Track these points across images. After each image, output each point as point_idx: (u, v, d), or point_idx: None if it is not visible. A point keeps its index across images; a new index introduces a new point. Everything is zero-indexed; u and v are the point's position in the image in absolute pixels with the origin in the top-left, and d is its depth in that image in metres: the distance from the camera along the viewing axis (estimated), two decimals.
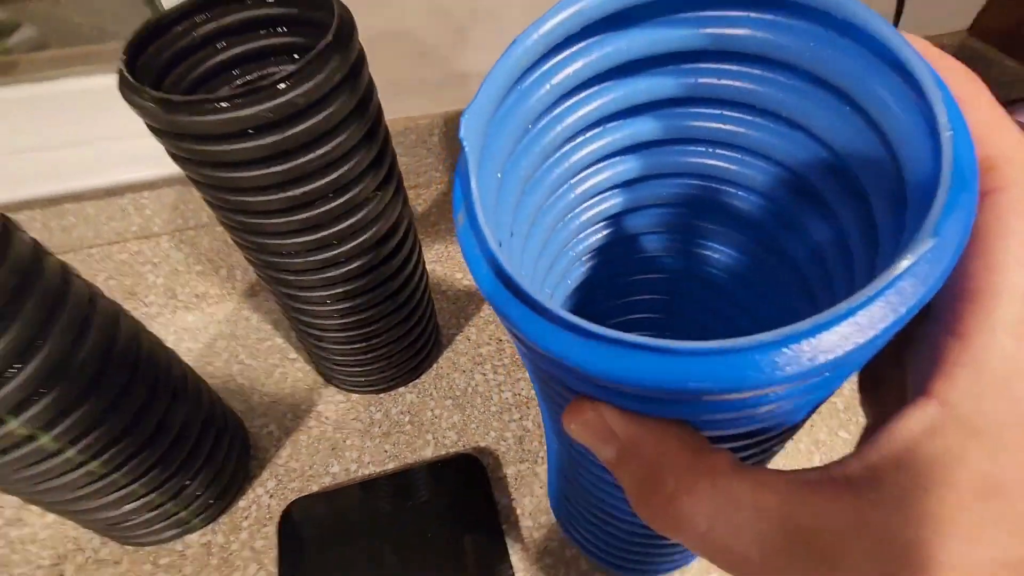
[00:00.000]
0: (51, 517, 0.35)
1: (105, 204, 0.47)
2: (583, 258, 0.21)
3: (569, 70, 0.15)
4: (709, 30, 0.14)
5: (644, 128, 0.18)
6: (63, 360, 0.24)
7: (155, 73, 0.25)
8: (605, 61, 0.15)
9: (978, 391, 0.10)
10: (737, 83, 0.15)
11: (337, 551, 0.33)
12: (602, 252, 0.21)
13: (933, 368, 0.10)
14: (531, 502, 0.35)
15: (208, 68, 0.27)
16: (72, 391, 0.24)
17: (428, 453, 0.38)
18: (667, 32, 0.14)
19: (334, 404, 0.41)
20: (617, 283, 0.23)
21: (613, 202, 0.20)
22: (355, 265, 0.30)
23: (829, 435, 0.39)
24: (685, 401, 0.11)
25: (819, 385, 0.11)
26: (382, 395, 0.41)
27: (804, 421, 0.14)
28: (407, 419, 0.40)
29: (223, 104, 0.21)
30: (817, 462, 0.37)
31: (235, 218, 0.27)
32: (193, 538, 0.35)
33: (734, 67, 0.15)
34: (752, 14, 0.14)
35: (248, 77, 0.28)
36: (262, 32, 0.27)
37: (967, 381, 0.10)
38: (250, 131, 0.23)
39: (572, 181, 0.18)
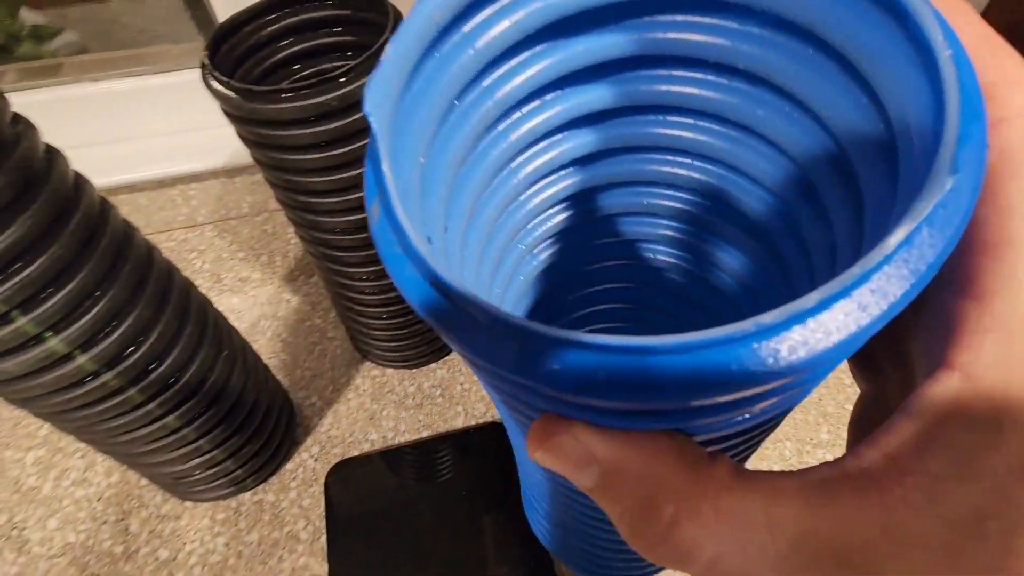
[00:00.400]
0: (116, 476, 0.39)
1: (156, 195, 0.50)
2: (536, 250, 0.19)
3: (496, 29, 0.12)
4: None
5: (593, 96, 0.15)
6: (151, 321, 0.27)
7: (228, 68, 0.28)
8: (539, 16, 0.13)
9: (1007, 359, 0.08)
10: (698, 36, 0.13)
11: (377, 508, 0.36)
12: (558, 241, 0.19)
13: (949, 336, 0.09)
14: None
15: (272, 63, 0.30)
16: (156, 348, 0.27)
17: (459, 423, 0.41)
18: None
19: (370, 378, 0.44)
20: (577, 274, 0.21)
21: (565, 184, 0.17)
22: None
23: (836, 408, 0.41)
24: (680, 410, 0.09)
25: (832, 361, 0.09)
26: (415, 370, 0.44)
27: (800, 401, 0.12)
28: (438, 392, 0.43)
29: (296, 94, 0.24)
30: (824, 434, 0.40)
31: (294, 197, 0.30)
32: (246, 496, 0.38)
33: (691, 18, 0.13)
34: None
35: (306, 72, 0.31)
36: (320, 31, 0.30)
37: (993, 349, 0.08)
38: (313, 118, 0.26)
39: (514, 164, 0.16)
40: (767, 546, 0.09)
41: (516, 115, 0.15)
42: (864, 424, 0.14)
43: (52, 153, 0.23)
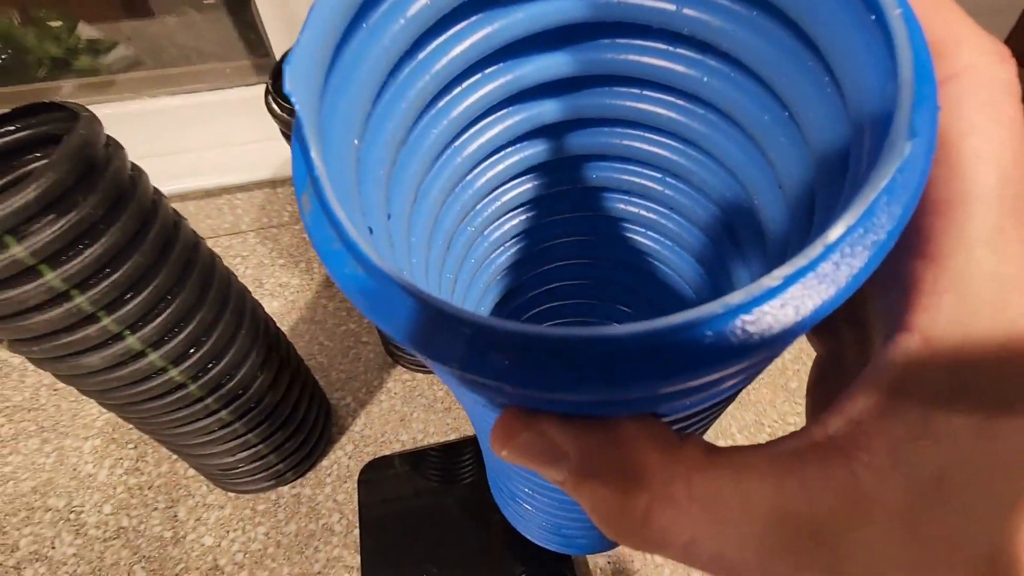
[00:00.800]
0: (165, 467, 0.41)
1: (204, 203, 0.53)
2: (487, 231, 0.18)
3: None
4: None
5: (543, 66, 0.14)
6: (212, 323, 0.29)
7: None
8: None
9: (964, 319, 0.08)
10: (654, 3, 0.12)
11: (406, 505, 0.38)
12: (510, 220, 0.18)
13: (906, 298, 0.09)
14: None
15: None
16: (215, 348, 0.30)
17: None
18: None
19: (401, 382, 0.46)
20: (532, 253, 0.20)
21: (514, 160, 0.16)
22: None
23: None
24: (650, 397, 0.09)
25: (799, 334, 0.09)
26: None
27: None
28: None
29: None
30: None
31: None
32: (284, 489, 0.40)
33: None
34: None
35: None
36: None
37: (950, 309, 0.08)
38: None
39: (457, 142, 0.15)
40: (739, 523, 0.09)
41: (457, 90, 0.14)
42: (822, 388, 0.14)
43: (136, 170, 0.26)
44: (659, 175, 0.17)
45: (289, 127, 0.28)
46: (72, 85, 0.71)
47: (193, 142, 0.52)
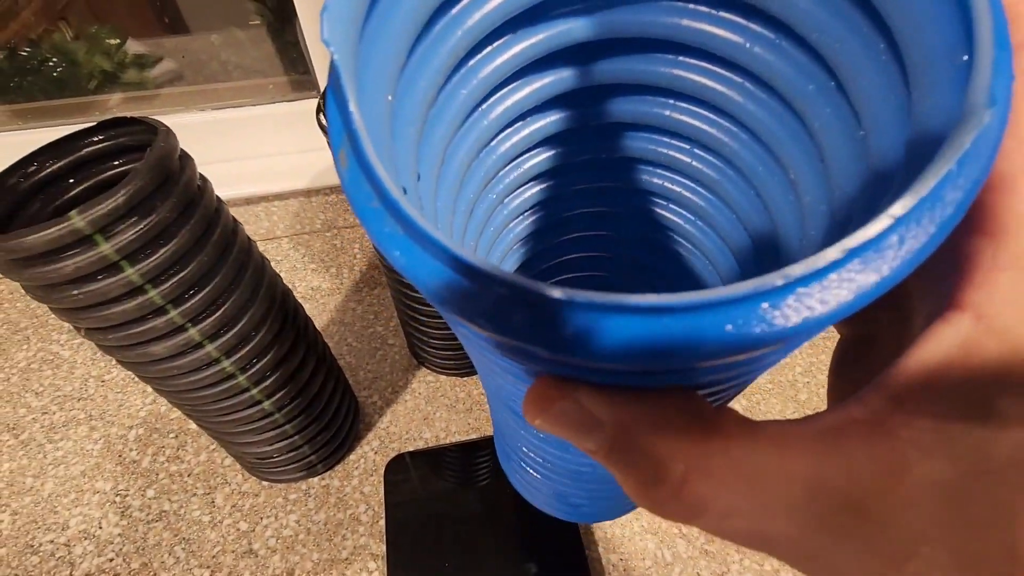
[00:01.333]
0: (203, 456, 0.44)
1: (244, 210, 0.57)
2: (507, 199, 0.18)
3: None
4: None
5: (574, 27, 0.14)
6: (261, 320, 0.32)
7: None
8: None
9: (1023, 299, 0.08)
10: None
11: (429, 499, 0.40)
12: (532, 188, 0.18)
13: (960, 275, 0.08)
14: None
15: None
16: (263, 343, 0.32)
17: None
18: None
19: (425, 383, 0.48)
20: (553, 221, 0.19)
21: (540, 124, 0.16)
22: None
23: None
24: (693, 368, 0.09)
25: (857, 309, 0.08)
26: (466, 378, 0.48)
27: None
28: (486, 399, 0.47)
29: None
30: None
31: None
32: (315, 481, 0.42)
33: None
34: None
35: None
36: None
37: (1008, 287, 0.08)
38: None
39: (485, 104, 0.15)
40: (780, 496, 0.08)
41: (487, 49, 0.14)
42: (849, 368, 0.13)
43: (203, 180, 0.29)
44: (688, 146, 0.16)
45: None
46: (120, 97, 0.75)
47: (235, 152, 0.56)
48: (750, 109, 0.14)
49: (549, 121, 0.16)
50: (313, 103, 0.54)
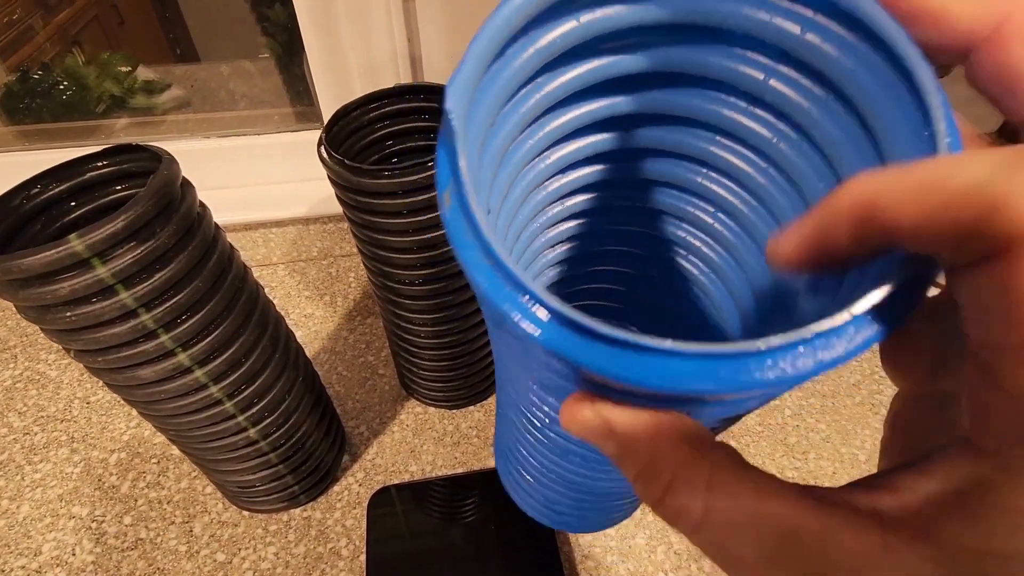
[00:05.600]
0: (184, 483, 0.43)
1: (242, 235, 0.57)
2: (548, 230, 0.21)
3: (555, 34, 0.14)
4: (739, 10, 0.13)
5: (624, 103, 0.17)
6: (252, 347, 0.32)
7: (336, 143, 0.35)
8: (599, 26, 0.14)
9: None
10: (748, 70, 0.14)
11: (413, 534, 0.40)
12: (570, 221, 0.21)
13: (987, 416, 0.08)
14: None
15: (370, 140, 0.36)
16: (252, 370, 0.32)
17: (491, 463, 0.44)
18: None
19: (414, 415, 0.48)
20: (586, 254, 0.22)
21: (583, 172, 0.19)
22: (450, 297, 0.38)
23: None
24: (684, 400, 0.11)
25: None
26: (455, 411, 0.48)
27: None
28: (474, 433, 0.47)
29: (394, 171, 0.30)
30: None
31: (375, 251, 0.36)
32: (296, 512, 0.42)
33: (751, 55, 0.14)
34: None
35: (395, 147, 0.38)
36: (411, 117, 0.37)
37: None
38: (404, 191, 0.31)
39: (542, 155, 0.18)
40: (752, 527, 0.09)
41: (555, 111, 0.17)
42: (905, 426, 0.13)
43: (202, 207, 0.30)
44: (712, 209, 0.19)
45: (336, 174, 0.32)
46: (126, 122, 0.76)
47: (237, 179, 0.57)
48: (770, 190, 0.16)
49: (594, 170, 0.19)
50: (316, 134, 0.55)
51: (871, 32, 0.11)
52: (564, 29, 0.14)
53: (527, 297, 0.10)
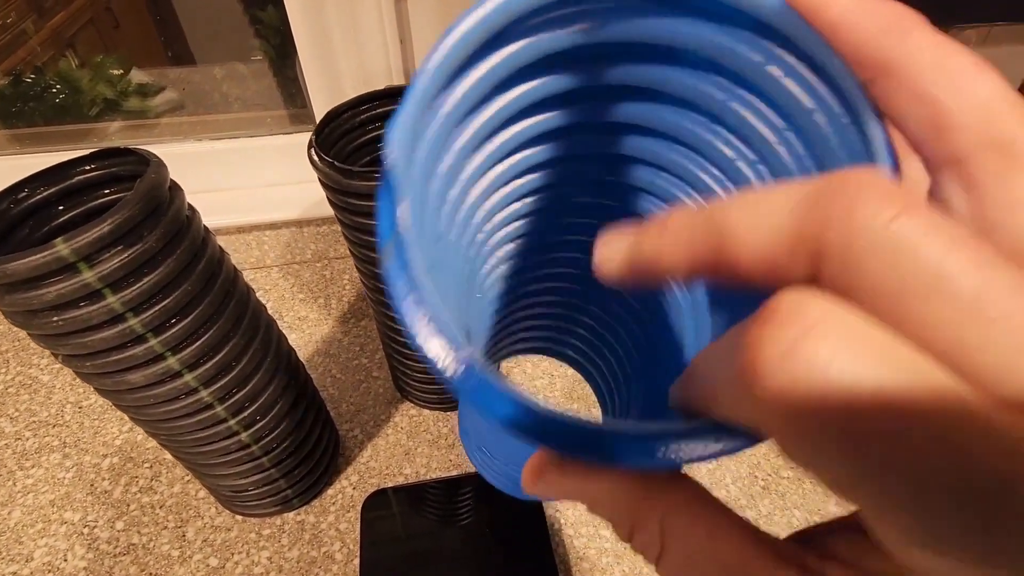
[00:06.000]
0: (177, 488, 0.43)
1: (235, 238, 0.57)
2: (500, 232, 0.21)
3: (503, 55, 0.14)
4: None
5: (560, 121, 0.17)
6: (243, 350, 0.32)
7: (327, 145, 0.34)
8: (547, 46, 0.14)
9: None
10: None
11: (407, 537, 0.39)
12: (519, 229, 0.21)
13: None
14: (573, 514, 0.41)
15: (361, 142, 0.36)
16: (243, 373, 0.32)
17: None
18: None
19: (408, 417, 0.48)
20: (539, 250, 0.22)
21: (527, 179, 0.19)
22: None
23: None
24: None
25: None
26: (449, 413, 0.48)
27: None
28: None
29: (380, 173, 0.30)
30: (832, 507, 0.42)
31: (366, 252, 0.36)
32: (290, 516, 0.42)
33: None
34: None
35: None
36: None
37: None
38: None
39: (496, 169, 0.18)
40: (703, 565, 0.10)
41: (509, 126, 0.16)
42: None
43: (191, 210, 0.29)
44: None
45: (327, 176, 0.31)
46: (119, 125, 0.76)
47: (230, 182, 0.57)
48: None
49: (546, 174, 0.19)
50: (309, 136, 0.55)
51: (826, 73, 0.11)
52: (513, 49, 0.13)
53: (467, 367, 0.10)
